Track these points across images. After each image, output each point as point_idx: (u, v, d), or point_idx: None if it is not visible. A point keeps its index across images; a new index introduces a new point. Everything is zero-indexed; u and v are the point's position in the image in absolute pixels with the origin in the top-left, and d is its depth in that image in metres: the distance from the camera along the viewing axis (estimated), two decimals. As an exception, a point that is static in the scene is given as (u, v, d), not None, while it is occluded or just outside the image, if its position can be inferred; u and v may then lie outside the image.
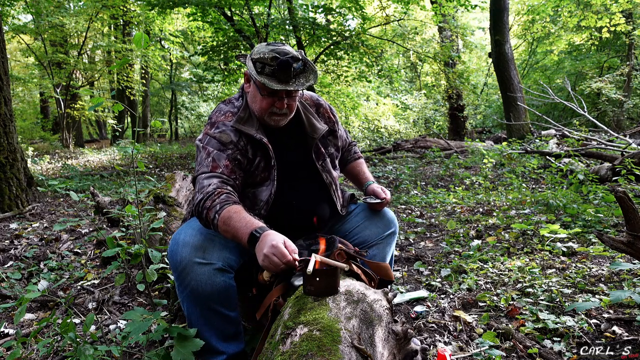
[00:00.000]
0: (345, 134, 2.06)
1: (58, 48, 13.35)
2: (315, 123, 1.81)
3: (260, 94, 1.64)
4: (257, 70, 1.59)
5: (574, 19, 12.21)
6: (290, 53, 1.59)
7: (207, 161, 1.64)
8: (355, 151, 2.13)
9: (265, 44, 1.64)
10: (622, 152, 5.37)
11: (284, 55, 1.57)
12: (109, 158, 11.18)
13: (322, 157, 1.82)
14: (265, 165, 1.70)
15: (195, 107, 21.24)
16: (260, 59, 1.59)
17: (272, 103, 1.64)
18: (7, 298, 2.54)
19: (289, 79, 1.59)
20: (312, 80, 1.64)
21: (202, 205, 1.54)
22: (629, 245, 1.78)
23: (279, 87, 1.57)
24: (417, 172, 7.78)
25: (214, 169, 1.62)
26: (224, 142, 1.65)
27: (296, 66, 1.59)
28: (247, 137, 1.67)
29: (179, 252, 1.54)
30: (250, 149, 1.68)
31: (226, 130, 1.67)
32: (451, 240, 3.45)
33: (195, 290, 1.53)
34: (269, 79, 1.57)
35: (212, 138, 1.67)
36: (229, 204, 1.52)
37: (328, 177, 1.82)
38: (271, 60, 1.57)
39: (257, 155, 1.69)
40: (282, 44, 1.63)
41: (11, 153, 4.67)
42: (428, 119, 17.15)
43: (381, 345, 1.23)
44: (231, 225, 1.47)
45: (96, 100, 1.83)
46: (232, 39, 9.89)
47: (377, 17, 13.32)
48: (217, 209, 1.51)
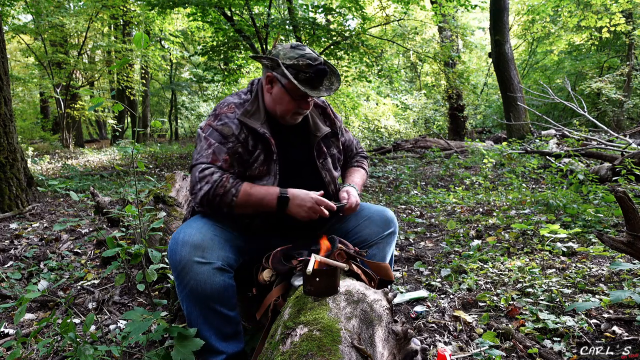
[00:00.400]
0: (353, 142, 2.08)
1: (58, 48, 13.34)
2: (319, 122, 1.86)
3: (290, 97, 1.68)
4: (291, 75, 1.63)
5: (574, 19, 12.21)
6: (319, 59, 1.67)
7: (208, 152, 1.66)
8: (358, 160, 2.11)
9: (290, 47, 1.68)
10: (622, 152, 5.37)
11: (315, 62, 1.65)
12: (109, 158, 11.18)
13: (323, 155, 1.85)
14: (265, 159, 1.71)
15: (195, 107, 21.24)
16: (294, 65, 1.63)
17: (298, 105, 1.70)
18: (7, 298, 2.54)
19: (320, 85, 1.67)
20: (337, 84, 1.73)
21: (214, 194, 1.60)
22: (629, 245, 1.78)
23: (315, 95, 1.64)
24: (417, 172, 7.78)
25: (213, 162, 1.65)
26: (225, 135, 1.67)
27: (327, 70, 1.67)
28: (250, 130, 1.69)
29: (178, 251, 1.55)
30: (251, 140, 1.70)
31: (228, 122, 1.69)
32: (451, 240, 3.45)
33: (194, 290, 1.53)
34: (304, 86, 1.63)
35: (214, 130, 1.69)
36: (240, 184, 1.63)
37: (327, 176, 1.84)
38: (306, 67, 1.63)
39: (257, 148, 1.70)
40: (303, 46, 1.69)
41: (11, 153, 4.67)
42: (428, 119, 17.15)
43: (381, 345, 1.23)
44: (253, 199, 1.62)
45: (96, 100, 1.83)
46: (232, 39, 9.88)
47: (377, 17, 13.32)
48: (233, 192, 1.60)
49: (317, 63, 1.64)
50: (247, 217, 1.73)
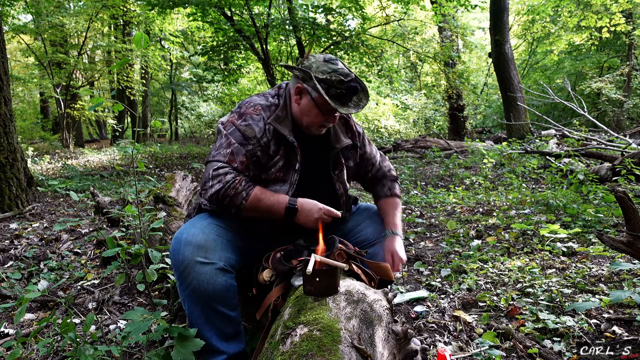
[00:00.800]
0: (376, 157, 2.02)
1: (58, 48, 13.34)
2: (340, 134, 1.85)
3: (318, 110, 1.67)
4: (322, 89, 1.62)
5: (574, 19, 12.22)
6: (350, 75, 1.66)
7: (226, 151, 1.65)
8: (391, 187, 2.00)
9: (323, 61, 1.67)
10: (622, 152, 5.37)
11: (347, 78, 1.64)
12: (109, 158, 11.18)
13: (339, 167, 1.84)
14: (284, 165, 1.70)
15: (195, 107, 21.22)
16: (326, 80, 1.62)
17: (325, 119, 1.70)
18: (7, 298, 2.54)
19: (349, 101, 1.67)
20: (365, 100, 1.72)
21: (224, 194, 1.59)
22: (629, 245, 1.78)
23: (344, 111, 1.64)
24: (417, 172, 7.78)
25: (230, 162, 1.63)
26: (247, 137, 1.66)
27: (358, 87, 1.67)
28: (277, 135, 1.68)
29: (181, 251, 1.55)
30: (273, 145, 1.68)
31: (252, 124, 1.67)
32: (451, 240, 3.45)
33: (196, 290, 1.53)
34: (334, 101, 1.63)
35: (237, 129, 1.67)
36: (251, 188, 1.62)
37: (341, 188, 1.84)
38: (338, 83, 1.62)
39: (278, 154, 1.69)
40: (336, 60, 1.68)
41: (11, 153, 4.67)
42: (428, 119, 17.15)
43: (381, 345, 1.23)
44: (262, 206, 1.63)
45: (96, 100, 1.83)
46: (232, 39, 9.89)
47: (377, 17, 13.32)
48: (243, 195, 1.60)
49: (349, 79, 1.64)
50: (254, 222, 1.73)
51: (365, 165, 1.98)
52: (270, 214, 1.65)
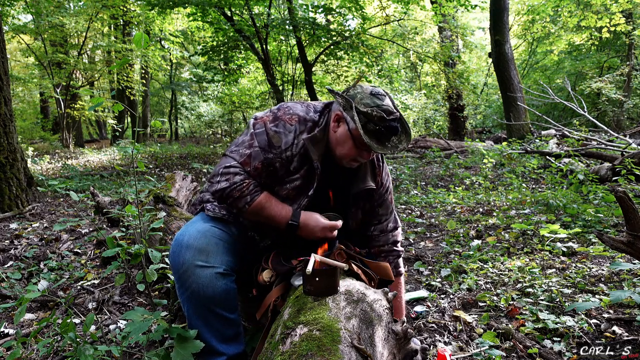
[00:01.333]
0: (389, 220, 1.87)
1: (58, 48, 13.34)
2: (368, 174, 1.75)
3: (353, 143, 1.58)
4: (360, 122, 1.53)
5: (574, 19, 12.21)
6: (395, 114, 1.56)
7: (245, 152, 1.60)
8: (397, 265, 1.89)
9: (370, 93, 1.57)
10: (622, 152, 5.37)
11: (390, 116, 1.54)
12: (109, 158, 11.18)
13: (357, 205, 1.78)
14: (300, 186, 1.65)
15: (195, 107, 21.22)
16: (366, 113, 1.52)
17: (359, 154, 1.61)
18: (7, 298, 2.54)
19: (388, 141, 1.57)
20: (405, 143, 1.61)
21: (229, 194, 1.57)
22: (629, 245, 1.78)
23: (380, 151, 1.54)
24: (417, 172, 7.78)
25: (244, 164, 1.59)
26: (271, 144, 1.59)
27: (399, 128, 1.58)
28: (304, 155, 1.61)
29: (181, 254, 1.54)
30: (296, 162, 1.62)
31: (282, 133, 1.60)
32: (451, 240, 3.44)
33: (196, 293, 1.53)
34: (370, 137, 1.53)
35: (265, 132, 1.61)
36: (257, 194, 1.59)
37: (353, 224, 1.80)
38: (378, 120, 1.52)
39: (298, 173, 1.63)
40: (384, 96, 1.58)
41: (11, 153, 4.67)
42: (428, 119, 17.15)
43: (381, 345, 1.23)
44: (265, 214, 1.61)
45: (96, 100, 1.83)
46: (232, 39, 9.88)
47: (377, 17, 13.32)
48: (247, 199, 1.58)
49: (390, 118, 1.54)
50: (257, 234, 1.72)
51: (371, 219, 1.85)
52: (271, 223, 1.63)
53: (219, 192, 1.59)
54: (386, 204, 1.85)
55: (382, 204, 1.83)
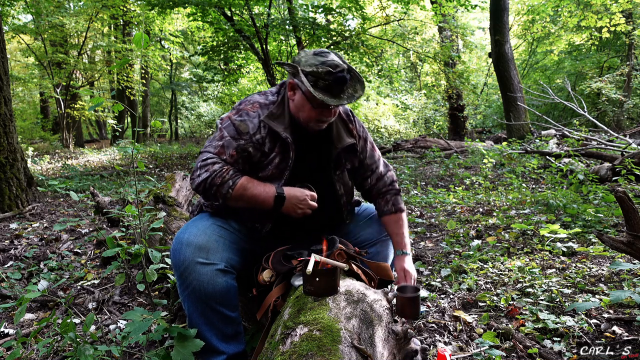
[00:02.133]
0: (379, 165, 1.94)
1: (58, 48, 13.34)
2: (343, 133, 1.80)
3: (310, 105, 1.63)
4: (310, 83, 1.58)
5: (574, 19, 12.21)
6: (340, 66, 1.60)
7: (217, 144, 1.66)
8: (395, 202, 1.90)
9: (313, 54, 1.63)
10: (622, 152, 5.37)
11: (336, 69, 1.58)
12: (109, 158, 11.18)
13: (340, 167, 1.81)
14: (280, 162, 1.69)
15: (195, 107, 21.23)
16: (313, 72, 1.57)
17: (320, 113, 1.65)
18: (7, 298, 2.54)
19: (341, 92, 1.61)
20: (360, 91, 1.66)
21: (211, 182, 1.60)
22: (629, 245, 1.78)
23: (335, 103, 1.58)
24: (417, 172, 7.78)
25: (219, 154, 1.64)
26: (240, 132, 1.66)
27: (347, 78, 1.61)
28: (271, 132, 1.67)
29: (182, 252, 1.55)
30: (268, 142, 1.67)
31: (247, 120, 1.67)
32: (451, 240, 3.44)
33: (196, 290, 1.53)
34: (323, 94, 1.58)
35: (231, 123, 1.68)
36: (238, 177, 1.62)
37: (341, 188, 1.82)
38: (325, 74, 1.57)
39: (274, 151, 1.68)
40: (328, 52, 1.63)
41: (11, 153, 4.67)
42: (428, 119, 17.15)
43: (381, 345, 1.23)
44: (248, 194, 1.61)
45: (96, 100, 1.83)
46: (232, 39, 9.89)
47: (377, 17, 13.32)
48: (229, 184, 1.60)
49: (337, 70, 1.58)
50: (257, 222, 1.73)
51: (364, 172, 1.91)
52: (257, 203, 1.64)
53: (201, 185, 1.61)
54: (371, 153, 1.92)
55: (367, 154, 1.91)
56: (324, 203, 1.77)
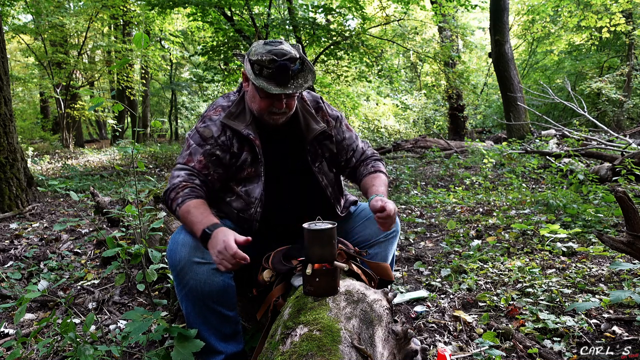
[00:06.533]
0: (357, 142, 1.91)
1: (58, 48, 13.34)
2: (311, 122, 1.76)
3: (259, 95, 1.62)
4: (255, 72, 1.56)
5: (574, 19, 12.21)
6: (287, 54, 1.55)
7: (185, 153, 1.70)
8: (375, 165, 1.88)
9: (263, 43, 1.60)
10: (622, 152, 5.37)
11: (281, 57, 1.53)
12: (109, 158, 11.18)
13: (318, 159, 1.79)
14: (252, 160, 1.69)
15: (195, 107, 21.23)
16: (257, 60, 1.54)
17: (271, 104, 1.62)
18: (7, 298, 2.54)
19: (287, 81, 1.56)
20: (310, 81, 1.61)
21: (168, 196, 1.63)
22: (629, 245, 1.78)
23: (277, 91, 1.55)
24: (417, 172, 7.78)
25: (187, 162, 1.67)
26: (204, 137, 1.68)
27: (294, 67, 1.56)
28: (234, 132, 1.67)
29: (178, 252, 1.55)
30: (235, 143, 1.68)
31: (210, 125, 1.69)
32: (451, 240, 3.44)
33: (193, 290, 1.53)
34: (267, 82, 1.54)
35: (197, 132, 1.70)
36: (190, 198, 1.59)
37: (324, 179, 1.80)
38: (269, 62, 1.53)
39: (243, 150, 1.68)
40: (279, 42, 1.59)
41: (11, 153, 4.67)
42: (428, 119, 17.15)
43: (381, 345, 1.23)
44: (188, 220, 1.55)
45: (96, 100, 1.84)
46: (232, 39, 9.88)
47: (377, 17, 13.31)
48: (178, 201, 1.59)
49: (282, 58, 1.52)
50: (246, 222, 1.73)
51: (346, 152, 1.87)
52: (192, 231, 1.54)
53: (164, 194, 1.66)
54: (347, 133, 1.89)
55: (344, 134, 1.88)
56: (310, 198, 1.78)
